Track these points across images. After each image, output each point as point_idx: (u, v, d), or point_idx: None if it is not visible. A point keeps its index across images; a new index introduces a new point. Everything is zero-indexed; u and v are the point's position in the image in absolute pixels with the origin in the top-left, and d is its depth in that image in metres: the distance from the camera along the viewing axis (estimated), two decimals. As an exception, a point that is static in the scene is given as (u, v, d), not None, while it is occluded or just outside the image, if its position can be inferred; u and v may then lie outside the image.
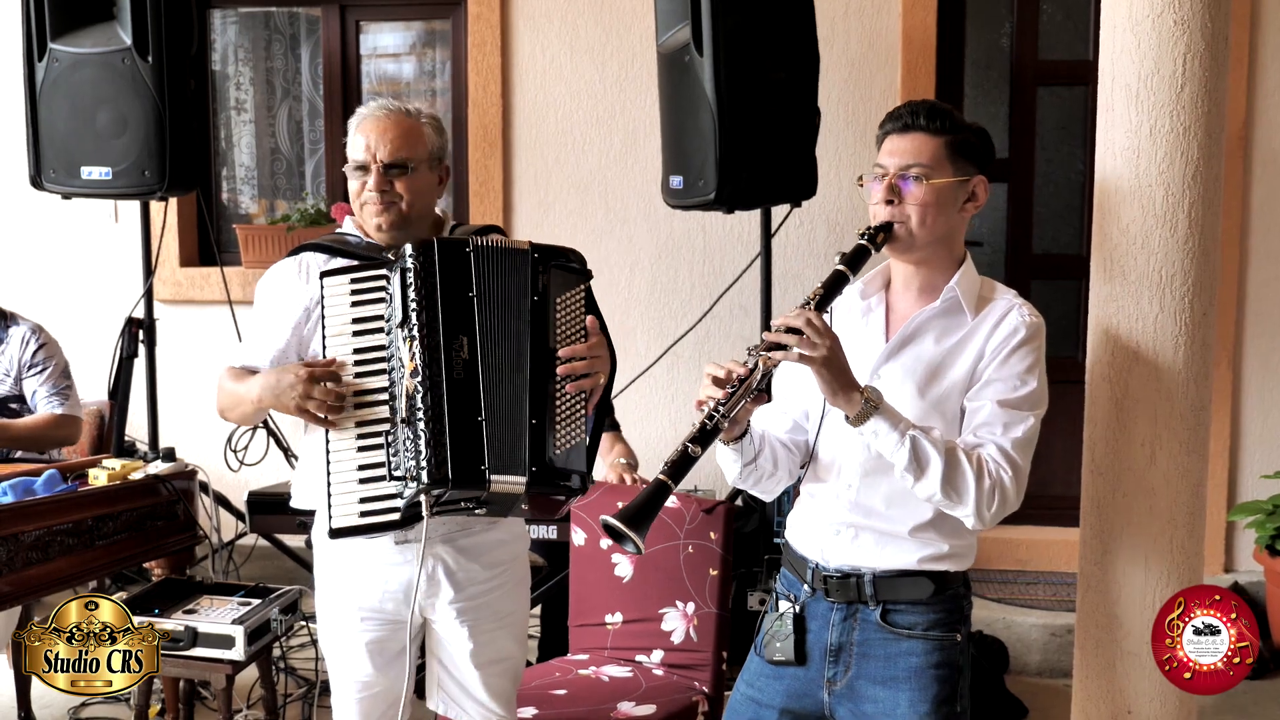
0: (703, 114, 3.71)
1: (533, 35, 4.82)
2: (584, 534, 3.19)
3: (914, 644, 2.12)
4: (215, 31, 5.27)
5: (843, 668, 2.16)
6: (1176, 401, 2.42)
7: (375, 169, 2.36)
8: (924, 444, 1.97)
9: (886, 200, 2.08)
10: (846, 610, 2.16)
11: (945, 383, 2.09)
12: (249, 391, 2.33)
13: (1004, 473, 2.01)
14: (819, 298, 2.03)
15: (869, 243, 2.08)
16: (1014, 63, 4.79)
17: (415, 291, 2.20)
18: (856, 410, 1.98)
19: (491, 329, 2.22)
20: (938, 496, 2.00)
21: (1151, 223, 2.38)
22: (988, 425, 2.05)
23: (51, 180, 4.10)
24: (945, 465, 1.97)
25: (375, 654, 2.42)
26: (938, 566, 2.13)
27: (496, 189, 4.85)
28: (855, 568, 2.15)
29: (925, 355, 2.11)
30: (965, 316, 2.11)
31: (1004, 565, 4.66)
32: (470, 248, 2.25)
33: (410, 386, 2.17)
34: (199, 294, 5.04)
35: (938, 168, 2.07)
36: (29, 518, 2.94)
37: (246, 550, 4.61)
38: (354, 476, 2.23)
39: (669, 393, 4.78)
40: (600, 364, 2.29)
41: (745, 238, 4.66)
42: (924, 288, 2.15)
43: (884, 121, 2.15)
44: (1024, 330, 2.07)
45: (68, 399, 3.75)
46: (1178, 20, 2.34)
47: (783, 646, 2.19)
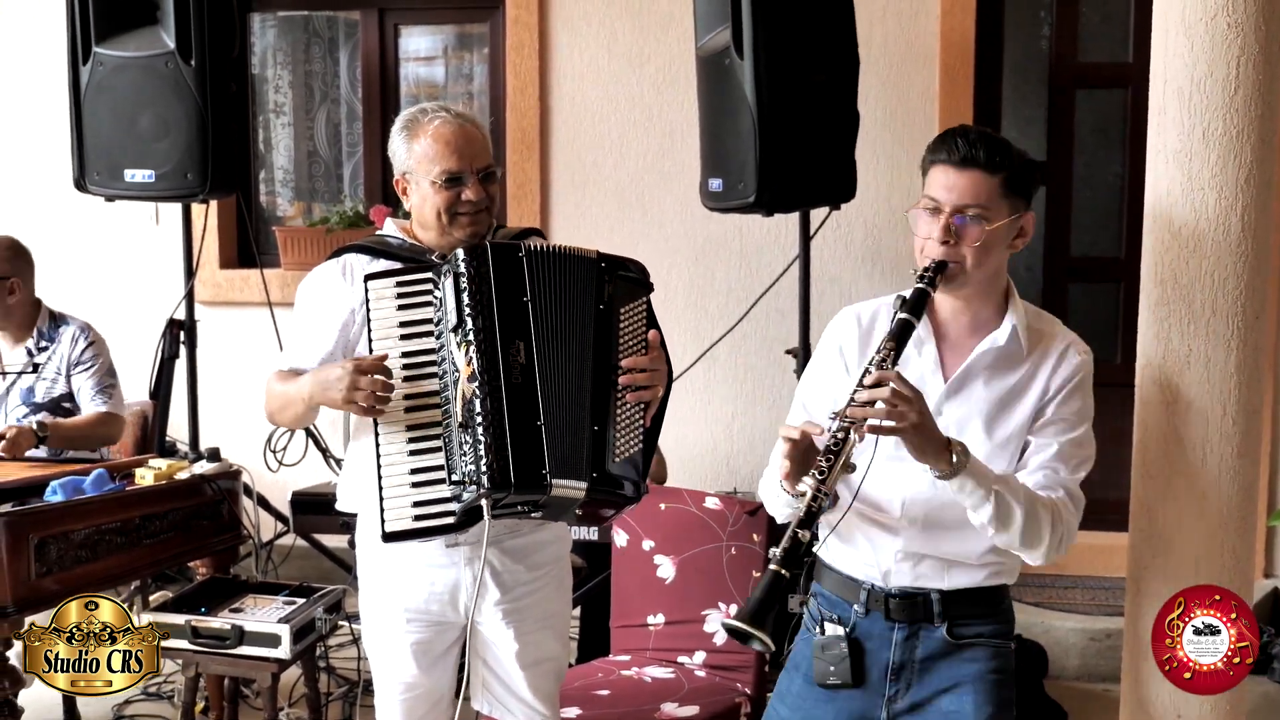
0: (743, 116, 3.72)
1: (570, 38, 4.83)
2: (626, 535, 3.20)
3: (976, 651, 2.14)
4: (254, 35, 5.31)
5: (904, 685, 2.15)
6: (1229, 404, 2.41)
7: (473, 180, 2.34)
8: (1008, 499, 1.98)
9: (943, 240, 2.05)
10: (909, 629, 2.15)
11: (1012, 423, 2.10)
12: (300, 390, 2.32)
13: (1071, 517, 2.05)
14: (891, 353, 1.99)
15: (928, 285, 2.05)
16: (1052, 65, 4.78)
17: (470, 296, 2.19)
18: (945, 469, 1.96)
19: (549, 334, 2.22)
20: (1015, 545, 2.03)
21: (1204, 226, 2.38)
22: (1053, 465, 2.06)
23: (95, 183, 4.14)
24: (1025, 519, 1.99)
25: (420, 655, 2.43)
26: (1000, 580, 2.16)
27: (534, 192, 4.87)
28: (920, 589, 2.14)
29: (988, 394, 2.11)
30: (1021, 352, 2.11)
31: (1042, 570, 4.64)
32: (523, 252, 2.25)
33: (467, 391, 2.17)
34: (238, 295, 5.08)
35: (994, 208, 2.04)
36: (79, 516, 2.97)
37: (285, 550, 4.64)
38: (406, 480, 2.23)
39: (705, 395, 4.79)
40: (659, 377, 2.29)
41: (782, 240, 4.66)
42: (975, 321, 2.14)
43: (936, 148, 2.09)
44: (1083, 371, 2.10)
45: (111, 397, 3.79)
46: (1231, 23, 2.33)
47: (837, 670, 2.16)
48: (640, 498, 2.28)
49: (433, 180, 2.35)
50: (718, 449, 4.80)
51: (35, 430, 3.57)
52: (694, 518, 3.10)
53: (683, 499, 3.13)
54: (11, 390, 3.79)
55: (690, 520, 3.10)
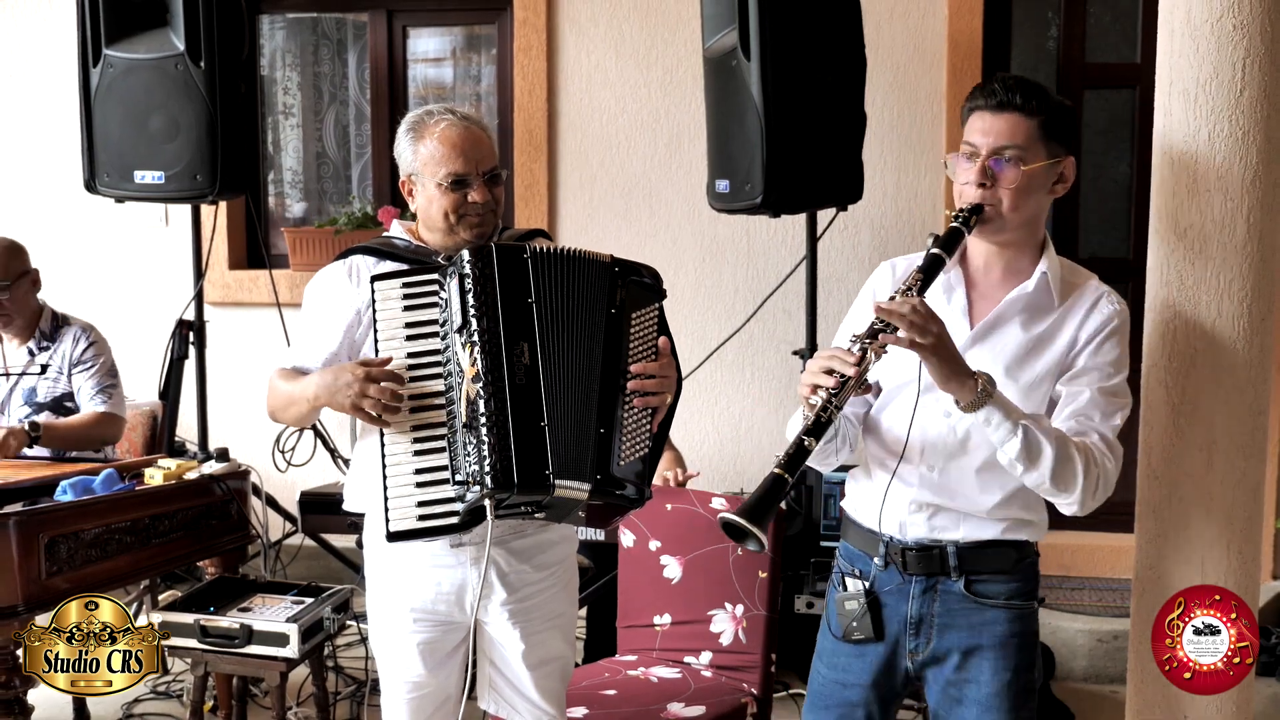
0: (750, 118, 3.72)
1: (578, 39, 4.84)
2: (633, 536, 3.20)
3: (998, 613, 2.14)
4: (263, 37, 5.33)
5: (924, 639, 2.17)
6: (1235, 405, 2.40)
7: (479, 182, 2.36)
8: (1036, 434, 1.96)
9: (980, 183, 2.05)
10: (926, 582, 2.15)
11: (1037, 369, 2.09)
12: (305, 390, 2.33)
13: (1108, 461, 2.02)
14: (919, 284, 2.00)
15: (962, 225, 2.05)
16: (1060, 66, 4.78)
17: (475, 297, 2.20)
18: (970, 398, 1.95)
19: (555, 335, 2.23)
20: (1046, 485, 2.00)
21: (1210, 228, 2.37)
22: (1086, 413, 2.05)
23: (105, 184, 4.16)
24: (1056, 456, 1.97)
25: (427, 655, 2.44)
26: (1019, 535, 2.14)
27: (541, 192, 4.88)
28: (936, 540, 2.14)
29: (1014, 340, 2.10)
30: (1053, 301, 2.11)
31: (1049, 570, 4.63)
32: (528, 253, 2.26)
33: (471, 391, 2.18)
34: (247, 296, 5.10)
35: (1031, 150, 2.04)
36: (89, 516, 2.99)
37: (292, 550, 4.66)
38: (411, 480, 2.24)
39: (712, 396, 4.80)
40: (668, 384, 2.29)
41: (789, 241, 4.66)
42: (1008, 269, 2.13)
43: (973, 95, 2.10)
44: (1116, 320, 2.09)
45: (111, 398, 3.81)
46: (1237, 24, 2.32)
47: (860, 625, 2.19)
48: (644, 501, 2.28)
49: (438, 182, 2.36)
50: (724, 449, 4.81)
51: (28, 430, 3.57)
52: (701, 518, 3.10)
53: (689, 499, 3.14)
54: (14, 390, 3.80)
55: (697, 521, 3.11)
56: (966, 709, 2.16)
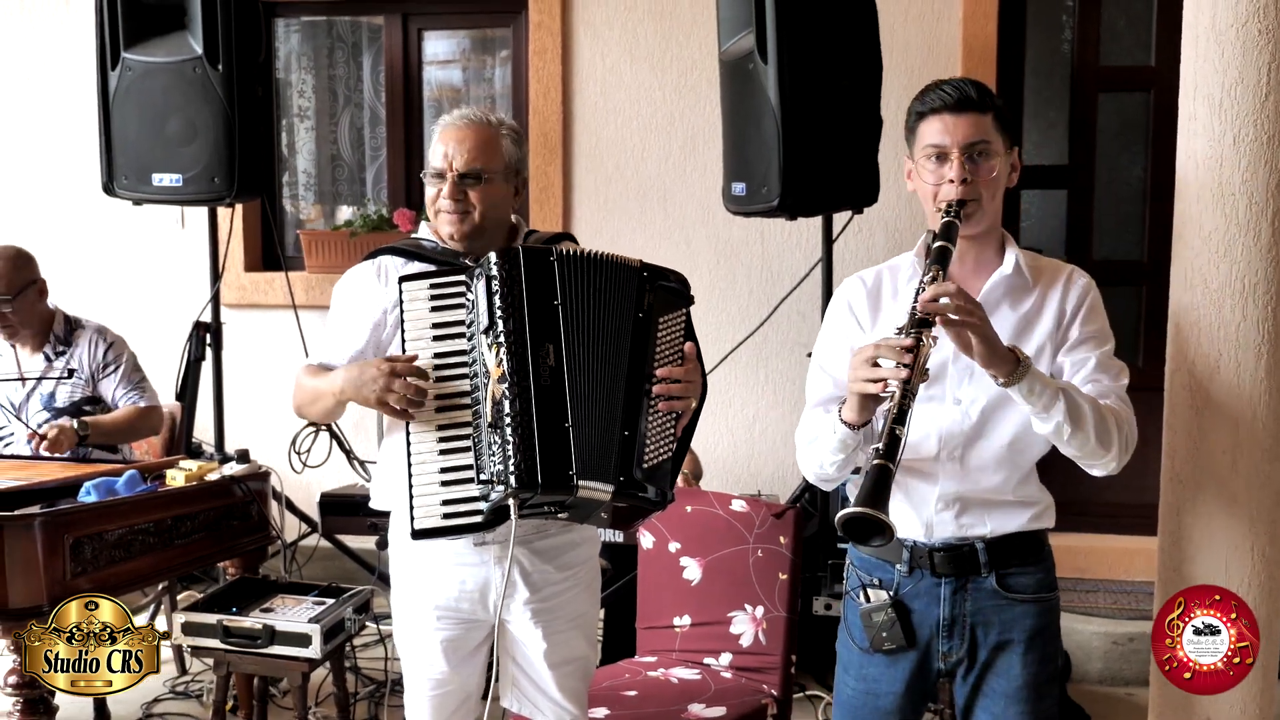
0: (766, 121, 3.73)
1: (593, 42, 4.86)
2: (652, 537, 3.21)
3: (1027, 608, 2.16)
4: (279, 39, 5.35)
5: (958, 640, 2.18)
6: (1259, 409, 2.42)
7: (450, 178, 2.39)
8: (1075, 398, 2.02)
9: (963, 179, 2.10)
10: (957, 583, 2.17)
11: (1033, 345, 2.14)
12: (330, 385, 2.35)
13: (1131, 417, 2.09)
14: (940, 273, 2.04)
15: (955, 217, 2.10)
16: (1074, 69, 4.78)
17: (501, 299, 2.21)
18: (1010, 369, 1.99)
19: (581, 338, 2.24)
20: (1090, 445, 2.04)
21: (1235, 232, 2.38)
22: (1096, 377, 2.10)
23: (123, 187, 4.18)
24: (1095, 416, 2.02)
25: (450, 653, 2.45)
26: (1038, 525, 2.18)
27: (557, 195, 4.89)
28: (964, 539, 2.16)
29: (1006, 320, 2.15)
30: (1028, 282, 2.17)
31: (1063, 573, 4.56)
32: (554, 256, 2.27)
33: (497, 392, 2.19)
34: (263, 298, 5.11)
35: (995, 142, 2.13)
36: (112, 517, 3.01)
37: (309, 551, 4.66)
38: (436, 479, 2.25)
39: (726, 398, 4.80)
40: (694, 389, 2.30)
41: (804, 244, 4.67)
42: (978, 261, 2.20)
43: (924, 101, 2.16)
44: (1092, 290, 2.18)
45: (145, 391, 3.84)
46: (1262, 29, 2.33)
47: (890, 635, 2.19)
48: (666, 504, 2.29)
49: (423, 174, 2.45)
50: (739, 451, 4.82)
51: (76, 429, 3.60)
52: (720, 520, 3.11)
53: (709, 501, 3.15)
54: (32, 395, 3.82)
55: (717, 522, 3.12)
56: (994, 701, 2.18)
